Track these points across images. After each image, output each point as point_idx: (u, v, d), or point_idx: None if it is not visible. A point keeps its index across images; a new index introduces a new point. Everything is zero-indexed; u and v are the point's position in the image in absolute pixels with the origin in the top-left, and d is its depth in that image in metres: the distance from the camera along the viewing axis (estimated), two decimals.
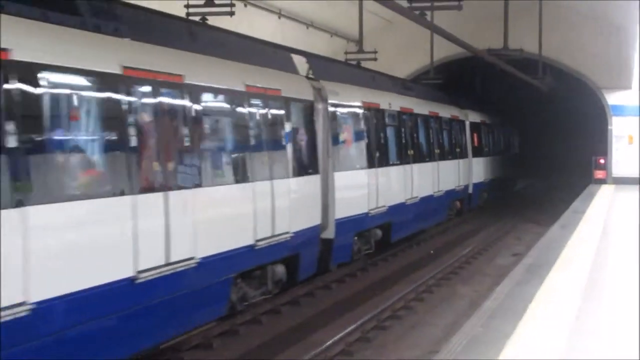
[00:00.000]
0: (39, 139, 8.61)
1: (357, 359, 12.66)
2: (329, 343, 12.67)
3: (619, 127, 35.73)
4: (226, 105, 13.04)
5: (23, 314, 8.00)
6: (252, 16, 23.83)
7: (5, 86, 8.03)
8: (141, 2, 12.99)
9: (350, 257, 18.58)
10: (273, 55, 15.68)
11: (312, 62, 17.85)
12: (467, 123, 31.70)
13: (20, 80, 8.26)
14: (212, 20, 17.19)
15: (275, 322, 14.69)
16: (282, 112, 14.70)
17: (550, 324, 9.98)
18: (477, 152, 32.67)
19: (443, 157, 26.82)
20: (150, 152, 10.56)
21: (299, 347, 12.92)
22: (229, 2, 17.55)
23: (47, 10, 9.12)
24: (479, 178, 32.86)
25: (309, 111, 16.26)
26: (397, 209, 21.11)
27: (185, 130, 11.44)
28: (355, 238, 18.78)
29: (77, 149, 9.38)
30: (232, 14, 17.75)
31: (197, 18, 16.98)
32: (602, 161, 36.45)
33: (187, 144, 11.45)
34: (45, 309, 8.31)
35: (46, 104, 8.72)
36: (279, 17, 26.67)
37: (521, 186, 46.60)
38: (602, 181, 35.94)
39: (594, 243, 17.44)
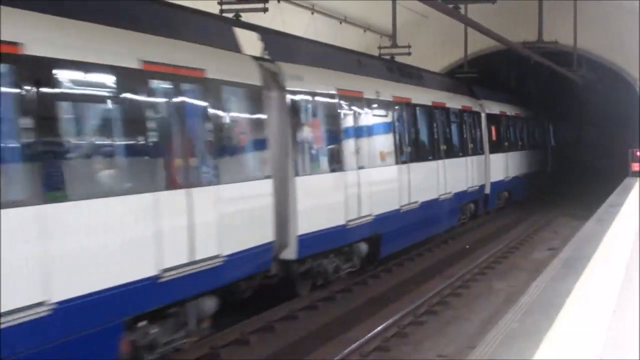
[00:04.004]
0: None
1: (394, 354, 12.65)
2: (365, 338, 12.69)
3: None
4: None
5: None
6: (286, 12, 23.85)
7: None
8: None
9: None
10: None
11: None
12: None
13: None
14: (245, 17, 17.23)
15: (312, 318, 14.72)
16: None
17: (587, 319, 9.92)
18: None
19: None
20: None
21: (336, 342, 12.93)
22: None
23: None
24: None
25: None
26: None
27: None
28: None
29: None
30: (265, 10, 17.77)
31: (230, 15, 17.03)
32: (639, 153, 36.11)
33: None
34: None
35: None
36: (312, 13, 26.68)
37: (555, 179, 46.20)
38: (639, 174, 35.59)
39: (631, 237, 17.28)
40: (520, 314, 10.29)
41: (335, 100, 16.29)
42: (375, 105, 18.25)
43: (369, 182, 17.21)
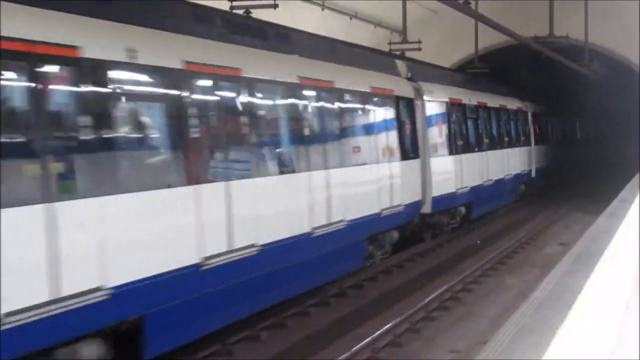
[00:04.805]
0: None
1: (405, 350, 12.65)
2: (377, 334, 12.68)
3: None
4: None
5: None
6: (296, 8, 23.85)
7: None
8: None
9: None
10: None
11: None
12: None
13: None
14: (255, 13, 17.23)
15: (323, 314, 14.72)
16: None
17: (599, 315, 9.88)
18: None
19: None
20: None
21: (347, 338, 12.93)
22: None
23: None
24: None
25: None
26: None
27: None
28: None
29: None
30: (275, 6, 17.79)
31: (240, 11, 17.03)
32: None
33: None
34: None
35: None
36: (322, 9, 26.68)
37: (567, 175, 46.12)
38: None
39: None
40: (532, 310, 10.28)
41: (448, 106, 23.06)
42: (468, 109, 25.00)
43: (467, 164, 24.22)
